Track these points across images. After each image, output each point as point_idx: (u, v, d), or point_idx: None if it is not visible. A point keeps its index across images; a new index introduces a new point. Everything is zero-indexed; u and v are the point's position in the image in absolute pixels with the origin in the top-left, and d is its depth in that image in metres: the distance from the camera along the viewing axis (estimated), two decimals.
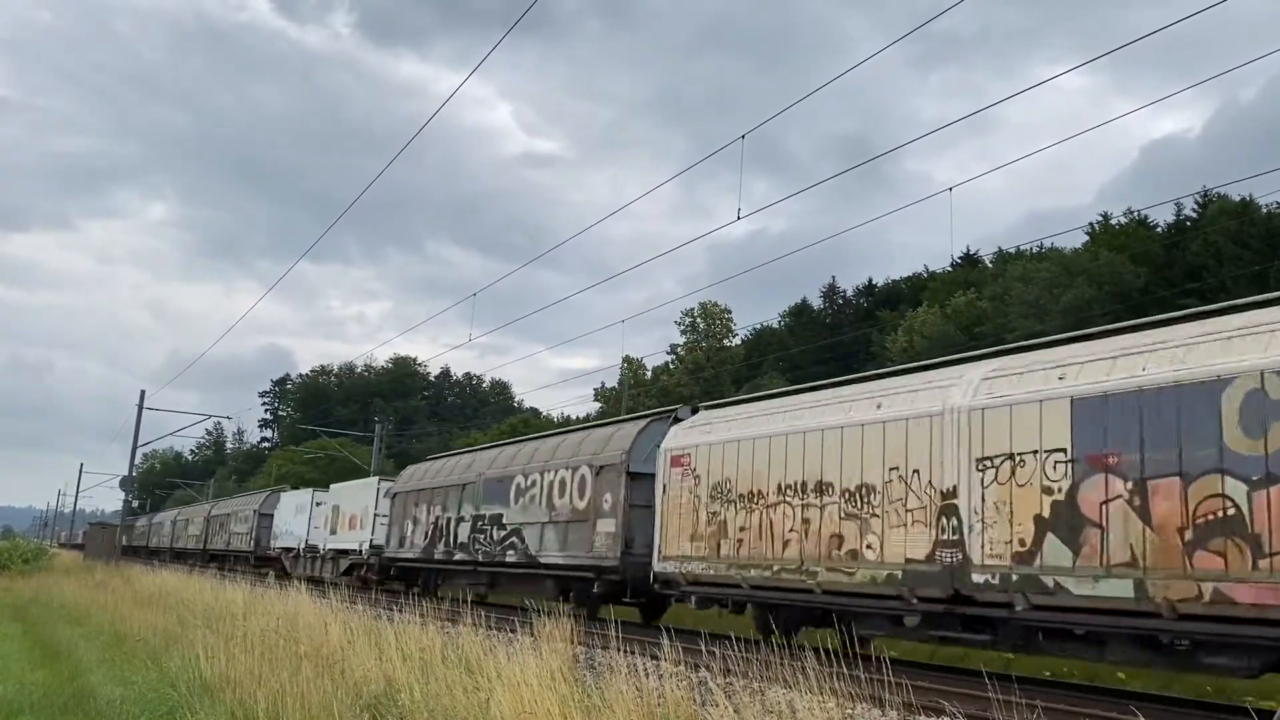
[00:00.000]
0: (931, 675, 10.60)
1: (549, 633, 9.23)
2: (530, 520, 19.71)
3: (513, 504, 20.52)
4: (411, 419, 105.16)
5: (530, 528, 19.65)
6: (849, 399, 12.77)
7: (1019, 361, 10.93)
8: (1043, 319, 42.44)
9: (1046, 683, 11.26)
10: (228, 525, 46.84)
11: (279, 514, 39.40)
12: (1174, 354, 9.11)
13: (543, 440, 22.23)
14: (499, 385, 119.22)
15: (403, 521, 26.34)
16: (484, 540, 21.47)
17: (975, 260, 60.25)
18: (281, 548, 37.66)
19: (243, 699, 7.84)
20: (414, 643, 9.52)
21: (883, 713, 7.91)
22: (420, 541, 24.92)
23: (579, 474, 18.33)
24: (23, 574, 32.93)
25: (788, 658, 7.60)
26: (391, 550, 26.78)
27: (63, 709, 8.95)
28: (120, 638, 13.86)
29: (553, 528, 18.90)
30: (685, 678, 8.54)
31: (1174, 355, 9.10)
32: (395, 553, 26.51)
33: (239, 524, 44.56)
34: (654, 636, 10.62)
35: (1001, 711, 7.20)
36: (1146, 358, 9.35)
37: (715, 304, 68.37)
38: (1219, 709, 9.56)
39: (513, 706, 6.55)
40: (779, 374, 61.53)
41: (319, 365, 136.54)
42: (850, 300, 70.02)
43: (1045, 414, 9.87)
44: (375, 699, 7.80)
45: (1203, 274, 42.77)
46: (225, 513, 48.94)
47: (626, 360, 65.30)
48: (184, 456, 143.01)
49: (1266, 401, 8.18)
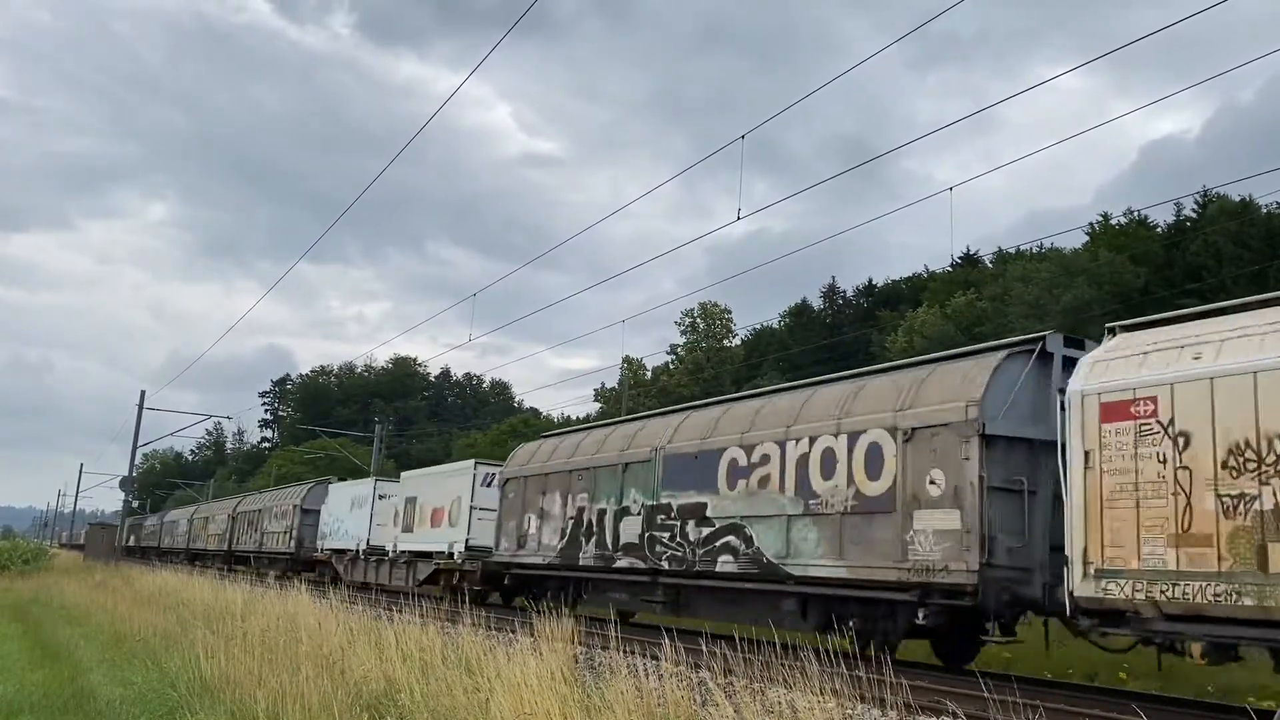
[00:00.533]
0: (932, 675, 10.59)
1: (549, 633, 9.24)
2: (764, 512, 13.87)
3: (725, 489, 14.72)
4: (411, 419, 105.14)
5: (764, 523, 13.84)
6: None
7: None
8: (1043, 319, 42.43)
9: (1046, 683, 11.25)
10: (259, 523, 40.86)
11: (328, 509, 33.46)
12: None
13: (774, 396, 15.89)
14: (499, 385, 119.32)
15: (521, 515, 20.70)
16: (670, 541, 15.74)
17: (975, 260, 60.25)
18: (332, 549, 32.23)
19: (243, 699, 7.85)
20: (414, 643, 9.53)
21: (883, 713, 7.90)
22: (554, 542, 19.15)
23: (865, 441, 12.43)
24: (23, 574, 32.94)
25: (788, 658, 7.61)
26: (505, 553, 21.08)
27: (63, 709, 8.95)
28: (120, 638, 13.85)
29: (813, 523, 13.04)
30: (685, 678, 8.53)
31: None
32: (512, 556, 20.77)
33: (275, 521, 38.65)
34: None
35: (1001, 712, 7.20)
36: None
37: (715, 304, 68.40)
38: (1219, 709, 9.56)
39: (513, 707, 6.55)
40: (779, 374, 61.55)
41: (319, 365, 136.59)
42: (850, 300, 70.03)
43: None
44: (375, 699, 7.81)
45: (1203, 274, 42.75)
46: (256, 508, 42.51)
47: (626, 360, 65.28)
48: (184, 456, 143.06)
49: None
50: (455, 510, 23.89)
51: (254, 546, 40.87)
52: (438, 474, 26.98)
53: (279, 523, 38.10)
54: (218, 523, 48.83)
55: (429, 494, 25.88)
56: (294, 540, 35.77)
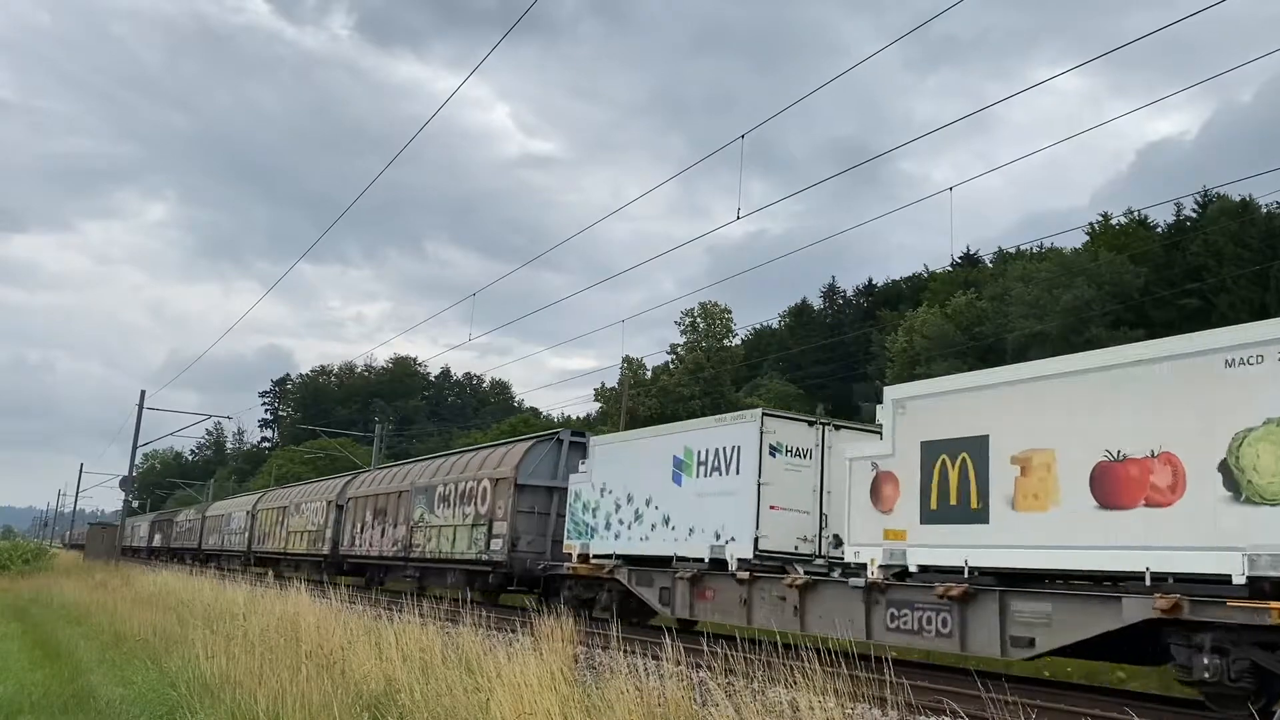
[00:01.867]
0: (932, 675, 10.59)
1: (549, 633, 9.24)
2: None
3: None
4: (411, 419, 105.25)
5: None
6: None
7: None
8: (1043, 319, 42.46)
9: (1046, 683, 11.25)
10: (404, 512, 26.28)
11: (599, 477, 17.60)
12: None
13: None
14: (499, 385, 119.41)
15: None
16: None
17: (975, 260, 60.28)
18: (607, 556, 17.02)
19: (243, 699, 7.84)
20: (414, 643, 9.52)
21: (883, 712, 7.91)
22: None
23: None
24: (23, 574, 32.93)
25: (789, 657, 7.61)
26: None
27: (63, 709, 8.94)
28: (120, 637, 13.84)
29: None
30: (685, 677, 8.53)
31: None
32: None
33: (449, 509, 23.64)
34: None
35: (1001, 711, 7.20)
36: None
37: (715, 304, 68.41)
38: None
39: (513, 707, 6.55)
40: (779, 374, 61.59)
41: (319, 365, 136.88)
42: (850, 300, 70.07)
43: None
44: (375, 699, 7.80)
45: (1203, 274, 42.78)
46: (382, 491, 28.40)
47: (626, 360, 65.27)
48: (184, 456, 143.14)
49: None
50: None
51: (377, 552, 28.16)
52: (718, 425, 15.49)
53: (469, 508, 22.52)
54: (309, 513, 34.35)
55: None
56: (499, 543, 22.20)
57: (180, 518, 62.19)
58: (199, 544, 52.00)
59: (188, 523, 57.85)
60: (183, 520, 60.46)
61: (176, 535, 60.18)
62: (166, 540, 62.59)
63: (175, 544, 59.67)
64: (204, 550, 50.74)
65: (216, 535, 48.57)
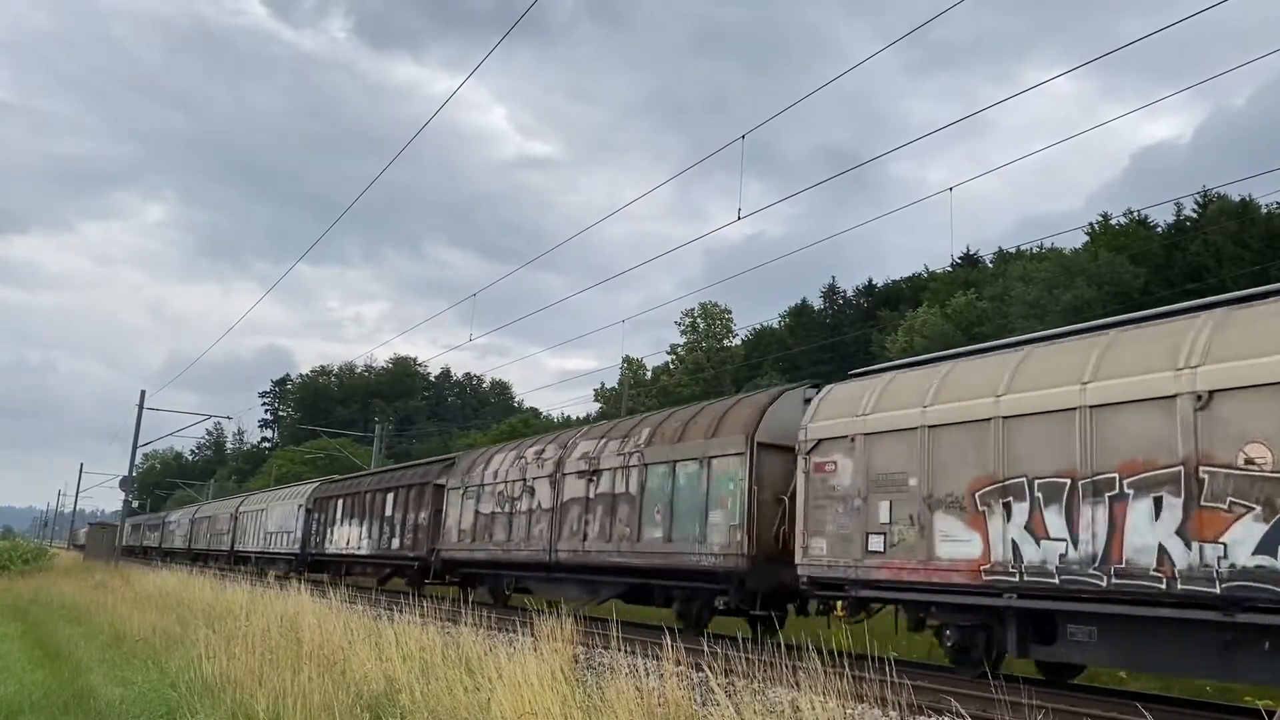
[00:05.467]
0: (932, 675, 10.59)
1: (549, 633, 9.23)
2: None
3: None
4: (411, 419, 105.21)
5: None
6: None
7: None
8: (1043, 319, 42.42)
9: (1046, 682, 11.24)
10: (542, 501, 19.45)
11: None
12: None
13: None
14: (499, 385, 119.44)
15: None
16: None
17: (975, 260, 60.26)
18: None
19: (243, 699, 7.83)
20: (414, 643, 9.52)
21: (884, 712, 7.90)
22: None
23: None
24: (23, 574, 32.90)
25: (790, 657, 7.60)
26: None
27: (63, 709, 8.93)
28: (120, 637, 13.83)
29: None
30: (686, 677, 8.53)
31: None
32: None
33: None
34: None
35: (1003, 711, 7.20)
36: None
37: (715, 304, 68.38)
38: (1219, 709, 9.56)
39: (513, 706, 6.54)
40: (779, 374, 61.54)
41: (319, 365, 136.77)
42: (850, 300, 69.99)
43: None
44: (376, 699, 7.80)
45: (1203, 274, 42.76)
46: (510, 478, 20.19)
47: (626, 360, 65.27)
48: (184, 456, 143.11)
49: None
50: None
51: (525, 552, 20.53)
52: None
53: None
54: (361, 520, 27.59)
55: None
56: None
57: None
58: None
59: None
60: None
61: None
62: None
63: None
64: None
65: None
